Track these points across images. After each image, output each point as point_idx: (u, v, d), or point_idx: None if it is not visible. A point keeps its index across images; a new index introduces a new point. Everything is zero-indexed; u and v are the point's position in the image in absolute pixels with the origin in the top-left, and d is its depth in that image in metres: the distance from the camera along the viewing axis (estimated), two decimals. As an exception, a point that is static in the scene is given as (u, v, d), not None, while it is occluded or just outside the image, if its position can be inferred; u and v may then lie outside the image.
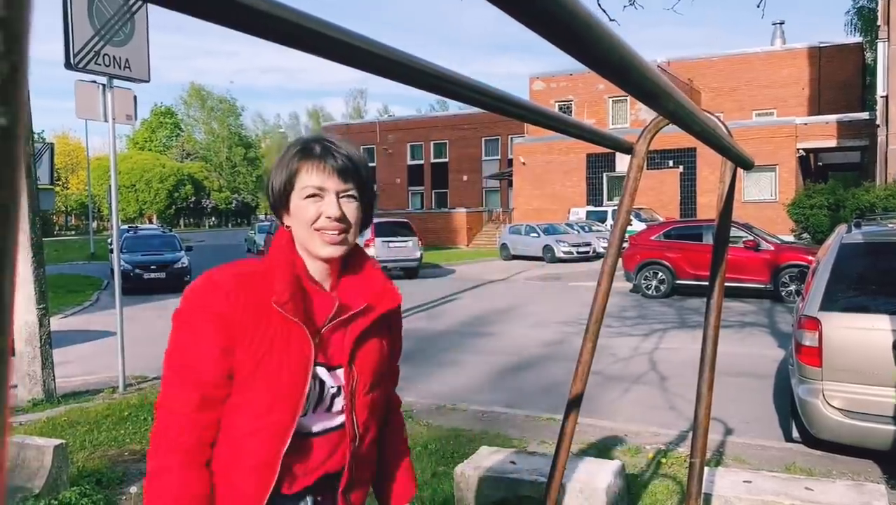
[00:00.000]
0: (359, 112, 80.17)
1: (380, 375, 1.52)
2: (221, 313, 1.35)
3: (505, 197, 41.79)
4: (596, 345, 2.18)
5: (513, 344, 9.94)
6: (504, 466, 3.77)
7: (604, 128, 32.26)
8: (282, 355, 1.36)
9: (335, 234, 1.38)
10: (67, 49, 6.69)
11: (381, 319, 1.50)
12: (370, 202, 1.48)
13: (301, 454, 1.42)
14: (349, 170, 1.40)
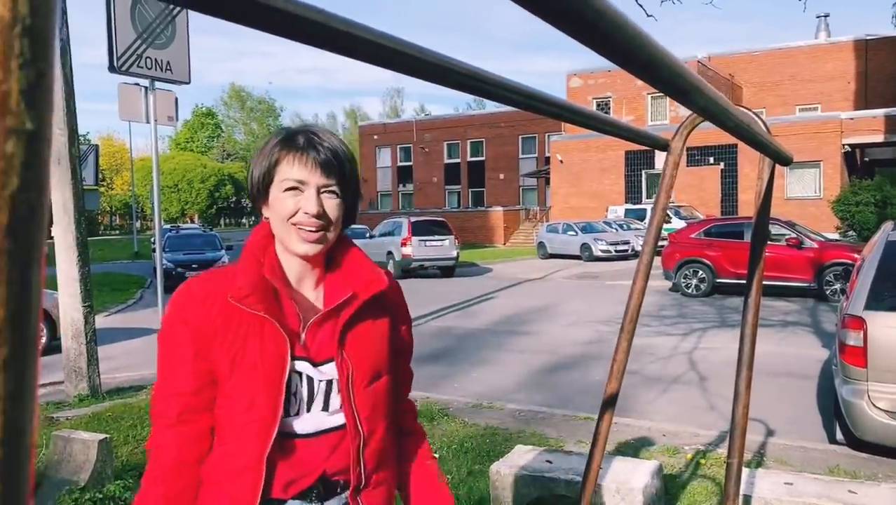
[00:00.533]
0: (396, 111, 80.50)
1: (379, 366, 1.43)
2: (193, 320, 1.33)
3: (542, 195, 41.59)
4: (631, 344, 2.17)
5: (550, 343, 9.90)
6: (540, 465, 3.76)
7: (642, 125, 31.91)
8: (256, 352, 1.31)
9: (312, 231, 1.31)
10: (111, 53, 6.85)
11: (370, 307, 1.41)
12: (354, 200, 1.40)
13: (293, 456, 1.35)
14: (332, 164, 1.32)
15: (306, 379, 1.36)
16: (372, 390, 1.41)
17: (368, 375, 1.40)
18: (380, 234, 22.03)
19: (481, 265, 24.56)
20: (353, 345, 1.39)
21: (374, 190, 48.78)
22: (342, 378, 1.37)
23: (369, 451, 1.40)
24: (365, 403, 1.39)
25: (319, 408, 1.38)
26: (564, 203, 33.72)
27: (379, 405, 1.43)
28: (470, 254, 28.15)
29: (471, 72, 0.78)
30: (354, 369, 1.37)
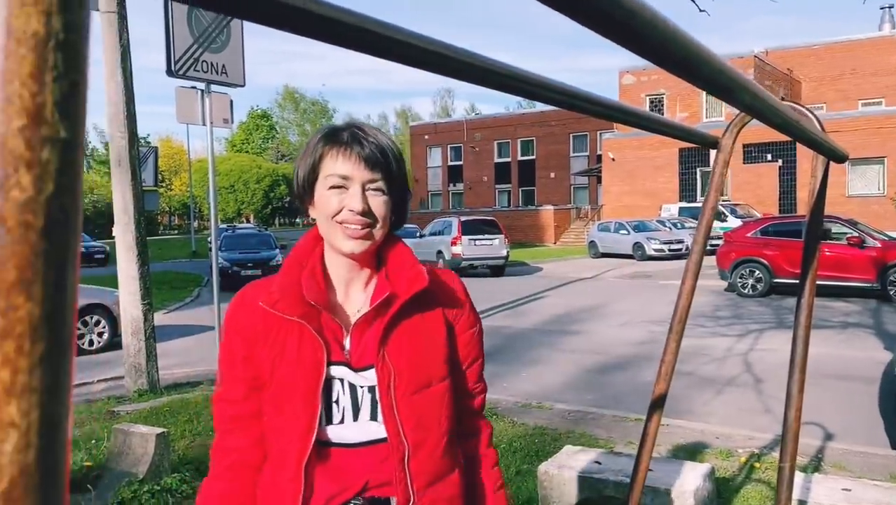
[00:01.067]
0: (446, 111, 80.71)
1: (429, 372, 1.33)
2: (242, 327, 1.33)
3: (594, 194, 41.20)
4: (680, 345, 2.13)
5: (600, 343, 9.79)
6: (589, 466, 3.73)
7: (697, 121, 31.32)
8: (293, 358, 1.29)
9: (357, 228, 1.27)
10: (168, 57, 7.03)
11: (417, 308, 1.34)
12: (402, 198, 1.35)
13: (334, 467, 1.30)
14: (377, 160, 1.28)
15: (348, 386, 1.31)
16: (419, 399, 1.31)
17: (414, 381, 1.31)
18: (430, 234, 22.12)
19: (531, 264, 24.44)
20: (396, 348, 1.31)
21: (424, 189, 49.00)
22: (382, 384, 1.30)
23: (417, 464, 1.31)
24: (410, 411, 1.30)
25: (367, 417, 1.31)
26: (617, 201, 33.33)
27: (429, 416, 1.32)
28: (520, 253, 28.03)
29: (511, 72, 0.78)
30: (396, 375, 1.30)
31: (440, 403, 1.35)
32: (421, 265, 1.38)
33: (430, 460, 1.33)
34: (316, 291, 1.29)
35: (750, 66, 32.04)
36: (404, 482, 1.30)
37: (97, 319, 10.35)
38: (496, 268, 20.73)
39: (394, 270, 1.35)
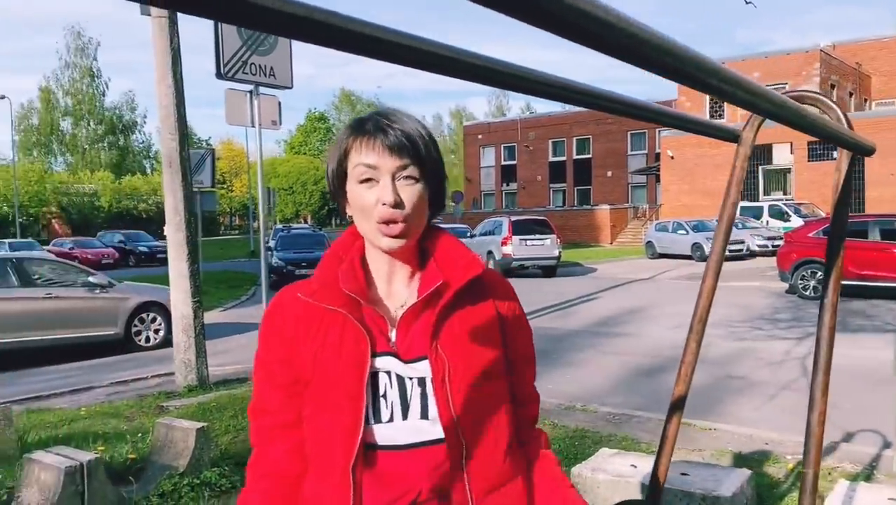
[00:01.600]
0: (501, 110, 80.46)
1: (486, 366, 1.25)
2: (281, 329, 1.28)
3: (652, 193, 40.49)
4: (700, 345, 2.07)
5: (651, 345, 9.60)
6: (624, 470, 3.65)
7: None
8: (335, 350, 1.22)
9: (393, 224, 1.20)
10: (218, 60, 7.19)
11: (470, 298, 1.27)
12: (438, 185, 1.26)
13: (385, 472, 1.21)
14: (404, 146, 1.20)
15: (396, 379, 1.22)
16: (476, 393, 1.22)
17: (470, 373, 1.23)
18: (480, 234, 22.07)
19: (585, 265, 24.15)
20: (450, 339, 1.23)
21: (477, 189, 48.96)
22: (436, 376, 1.21)
23: (476, 465, 1.21)
24: (466, 405, 1.21)
25: (417, 415, 1.21)
26: (676, 201, 32.69)
27: (487, 412, 1.24)
28: (574, 253, 27.74)
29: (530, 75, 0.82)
30: (451, 366, 1.21)
31: (498, 400, 1.28)
32: (474, 253, 1.33)
33: (491, 463, 1.24)
34: (354, 284, 1.24)
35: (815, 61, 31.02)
36: (462, 486, 1.21)
37: (153, 317, 10.66)
38: (548, 268, 20.54)
39: (444, 258, 1.29)
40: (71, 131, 58.63)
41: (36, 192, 44.59)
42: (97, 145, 59.10)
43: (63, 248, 30.59)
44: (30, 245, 28.94)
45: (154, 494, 3.97)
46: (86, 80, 57.49)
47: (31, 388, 7.91)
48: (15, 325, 9.35)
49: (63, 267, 10.95)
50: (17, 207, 40.96)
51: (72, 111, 57.91)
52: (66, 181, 49.52)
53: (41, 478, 3.73)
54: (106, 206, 48.32)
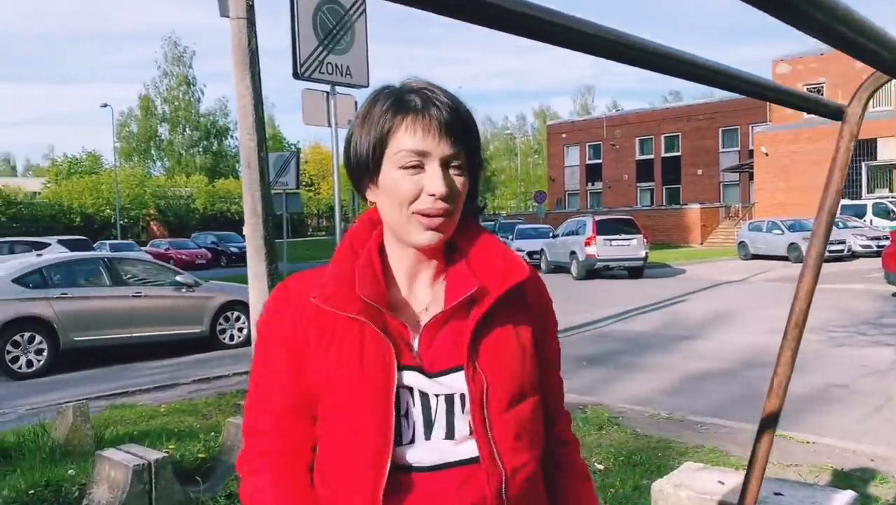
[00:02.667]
0: (586, 109, 79.20)
1: (524, 382, 1.12)
2: (286, 327, 1.13)
3: (745, 191, 38.94)
4: (796, 354, 1.80)
5: (744, 351, 9.08)
6: (709, 486, 3.35)
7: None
8: (355, 364, 1.07)
9: (436, 217, 1.05)
10: (295, 60, 7.21)
11: (509, 306, 1.12)
12: (478, 175, 1.13)
13: (414, 496, 1.07)
14: (458, 126, 1.05)
15: (419, 395, 1.08)
16: (515, 414, 1.10)
17: (509, 393, 1.09)
18: (563, 234, 21.63)
19: (674, 266, 23.37)
20: (490, 354, 1.09)
21: (561, 189, 48.29)
22: (475, 396, 1.07)
23: (515, 490, 1.10)
24: (506, 429, 1.09)
25: (442, 435, 1.09)
26: (770, 199, 31.29)
27: (524, 433, 1.12)
28: (662, 254, 26.91)
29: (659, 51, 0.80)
30: (490, 386, 1.07)
31: (535, 417, 1.15)
32: (515, 253, 1.17)
33: (529, 486, 1.13)
34: (374, 287, 1.08)
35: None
36: None
37: (237, 315, 10.88)
38: (634, 269, 19.94)
39: (479, 260, 1.13)
40: (168, 137, 61.29)
41: (136, 196, 46.79)
42: (192, 150, 61.57)
43: (160, 248, 31.97)
44: (129, 246, 30.36)
45: (221, 495, 3.94)
46: (182, 88, 59.97)
47: (118, 384, 8.15)
48: (106, 322, 9.70)
49: (152, 267, 11.32)
50: (118, 210, 43.10)
51: (169, 118, 60.53)
52: (163, 185, 51.75)
53: (111, 475, 3.75)
54: (201, 209, 50.25)
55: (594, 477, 4.37)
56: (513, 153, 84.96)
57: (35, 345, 9.14)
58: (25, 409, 6.74)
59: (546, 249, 22.56)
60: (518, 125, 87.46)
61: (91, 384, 8.30)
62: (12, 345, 8.98)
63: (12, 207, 40.27)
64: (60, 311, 9.35)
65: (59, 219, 42.08)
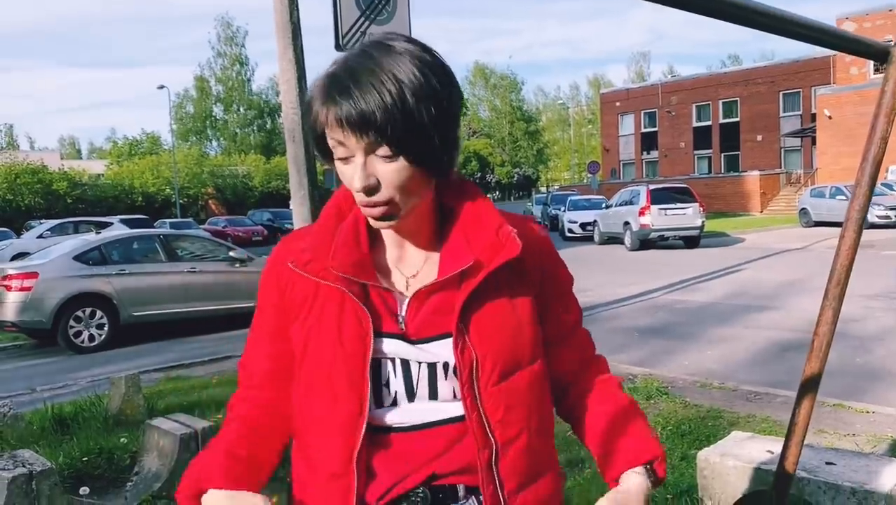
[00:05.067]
0: (641, 76, 77.37)
1: (519, 354, 1.09)
2: (276, 287, 1.14)
3: (807, 157, 37.63)
4: (838, 314, 1.71)
5: (801, 319, 8.78)
6: (758, 455, 3.25)
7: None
8: (333, 331, 1.06)
9: (374, 208, 1.01)
10: (337, 31, 7.18)
11: (502, 275, 1.08)
12: (427, 147, 0.99)
13: (391, 454, 1.07)
14: (367, 120, 0.94)
15: (400, 365, 1.07)
16: (508, 387, 1.08)
17: (500, 366, 1.07)
18: (617, 204, 21.26)
19: (732, 235, 22.79)
20: (480, 327, 1.06)
21: (615, 159, 47.44)
22: (464, 369, 1.05)
23: (507, 465, 1.08)
24: (497, 402, 1.07)
25: (426, 397, 1.08)
26: (834, 164, 30.13)
27: (518, 405, 1.09)
28: (720, 223, 26.28)
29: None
30: (480, 359, 1.06)
31: (532, 388, 1.11)
32: (508, 224, 1.10)
33: (523, 458, 1.10)
34: (354, 253, 1.06)
35: None
36: (493, 487, 1.08)
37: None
38: (690, 239, 19.49)
39: (473, 228, 1.08)
40: (223, 116, 62.34)
41: (194, 175, 47.79)
42: (247, 129, 62.53)
43: (217, 226, 32.69)
44: (188, 224, 31.11)
45: (267, 463, 4.01)
46: (235, 68, 60.78)
47: (174, 356, 8.38)
48: (162, 297, 9.96)
49: (206, 243, 11.55)
50: (177, 190, 44.16)
51: (223, 98, 61.50)
52: (220, 164, 52.75)
53: (160, 443, 3.84)
54: (258, 187, 51.10)
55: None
56: (566, 123, 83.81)
57: (96, 320, 9.46)
58: (87, 381, 6.98)
59: (599, 220, 22.22)
60: (571, 95, 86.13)
61: (148, 357, 8.55)
62: (75, 320, 9.31)
63: (77, 189, 41.57)
64: (119, 286, 9.64)
65: (122, 199, 43.31)
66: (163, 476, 3.73)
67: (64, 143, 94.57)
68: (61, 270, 9.45)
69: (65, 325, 9.24)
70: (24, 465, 3.15)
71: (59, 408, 5.08)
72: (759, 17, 1.28)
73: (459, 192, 1.12)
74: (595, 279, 13.07)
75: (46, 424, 4.75)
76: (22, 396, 6.53)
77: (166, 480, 3.70)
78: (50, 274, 9.35)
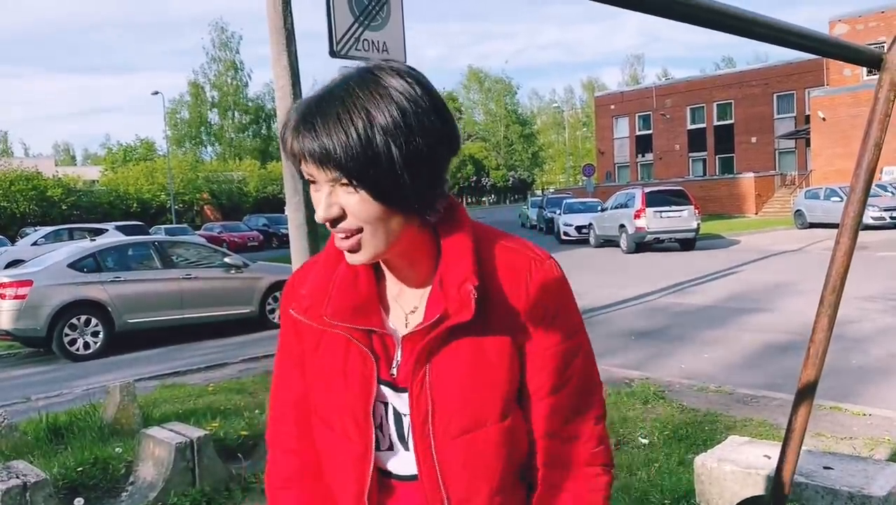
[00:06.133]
0: (635, 79, 77.50)
1: (479, 406, 1.03)
2: (292, 325, 1.14)
3: (802, 158, 37.72)
4: (834, 320, 1.70)
5: (796, 322, 8.79)
6: (754, 460, 3.25)
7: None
8: (339, 370, 1.08)
9: (344, 239, 0.98)
10: (331, 38, 7.17)
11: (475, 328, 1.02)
12: (391, 182, 0.94)
13: (391, 501, 1.10)
14: (326, 154, 0.92)
15: (392, 410, 1.08)
16: (468, 441, 1.03)
17: (460, 418, 1.03)
18: (612, 207, 21.26)
19: (727, 237, 22.83)
20: (442, 377, 1.03)
21: (610, 162, 47.51)
22: (416, 417, 1.04)
23: None
24: (454, 456, 1.03)
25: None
26: (828, 166, 30.22)
27: (481, 463, 1.04)
28: (715, 225, 26.32)
29: None
30: (436, 409, 1.03)
31: (499, 448, 1.05)
32: (474, 275, 1.01)
33: None
34: (353, 296, 1.05)
35: None
36: None
37: (285, 295, 11.02)
38: (685, 241, 19.51)
39: (448, 277, 1.03)
40: (218, 122, 62.27)
41: (189, 181, 47.69)
42: (242, 134, 62.46)
43: (213, 232, 32.64)
44: (183, 230, 31.03)
45: (264, 472, 3.99)
46: (230, 73, 60.71)
47: (170, 364, 8.34)
48: (158, 304, 9.93)
49: (202, 249, 11.52)
50: (172, 196, 44.08)
51: (218, 103, 61.44)
52: (216, 169, 52.67)
53: (155, 453, 3.82)
54: (253, 192, 51.01)
55: (638, 452, 4.30)
56: (561, 127, 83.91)
57: (91, 327, 9.43)
58: (82, 389, 6.95)
59: (595, 224, 22.23)
60: (566, 98, 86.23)
61: (144, 365, 8.52)
62: (69, 328, 9.27)
63: (72, 195, 41.45)
64: (114, 294, 9.61)
65: (117, 205, 43.20)
66: (158, 486, 3.71)
67: (59, 149, 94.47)
68: (56, 278, 9.42)
69: (59, 333, 9.20)
70: (19, 476, 3.13)
71: (54, 417, 5.05)
72: (753, 27, 1.28)
73: (449, 227, 1.06)
74: (591, 282, 13.07)
75: (41, 433, 4.73)
76: (16, 405, 6.49)
77: (161, 490, 3.68)
78: (44, 282, 9.31)
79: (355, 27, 7.37)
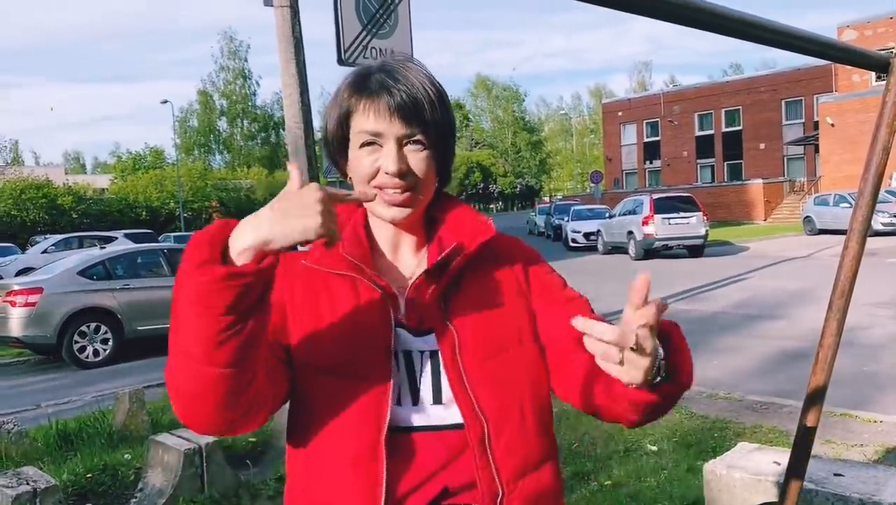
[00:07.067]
0: (643, 86, 77.45)
1: (503, 335, 1.12)
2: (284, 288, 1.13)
3: (810, 165, 37.60)
4: (843, 326, 1.70)
5: (806, 328, 8.75)
6: (765, 467, 3.23)
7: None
8: (349, 316, 1.09)
9: (397, 193, 1.09)
10: (339, 46, 7.21)
11: (483, 264, 1.15)
12: (446, 150, 1.14)
13: (410, 453, 1.07)
14: (411, 109, 1.07)
15: (402, 356, 1.09)
16: (494, 365, 1.10)
17: (484, 345, 1.10)
18: (620, 214, 21.22)
19: (736, 244, 22.74)
20: (460, 308, 1.11)
21: (618, 168, 47.46)
22: (446, 350, 1.08)
23: (503, 447, 1.07)
24: (484, 380, 1.08)
25: (430, 399, 1.08)
26: (837, 172, 30.10)
27: (508, 384, 1.10)
28: (724, 232, 26.23)
29: None
30: (461, 341, 1.09)
31: (522, 370, 1.12)
32: (484, 217, 1.20)
33: (520, 442, 1.09)
34: (358, 249, 1.13)
35: None
36: (489, 473, 1.05)
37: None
38: (694, 248, 19.45)
39: (455, 225, 1.18)
40: (227, 130, 62.52)
41: (198, 189, 47.87)
42: (251, 143, 62.69)
43: (221, 240, 32.71)
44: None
45: (272, 479, 3.99)
46: (238, 82, 60.99)
47: (179, 371, 8.35)
48: (167, 311, 9.82)
49: (211, 256, 11.55)
50: (181, 203, 44.26)
51: (227, 111, 61.70)
52: (224, 177, 52.87)
53: (164, 459, 3.83)
54: (261, 199, 51.10)
55: (647, 459, 4.28)
56: (568, 134, 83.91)
57: (100, 335, 9.47)
58: (91, 396, 6.98)
59: (603, 230, 22.19)
60: (573, 105, 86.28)
61: (154, 371, 8.53)
62: (79, 335, 9.32)
63: (82, 204, 41.66)
64: (123, 301, 9.65)
65: (127, 213, 43.39)
66: (167, 492, 3.72)
67: (69, 157, 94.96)
68: (66, 286, 9.47)
69: (69, 340, 9.25)
70: (28, 482, 3.15)
71: (64, 424, 5.08)
72: (759, 32, 1.29)
73: (446, 203, 1.21)
74: (599, 289, 13.01)
75: (51, 440, 4.75)
76: (27, 411, 6.53)
77: (170, 496, 3.69)
78: (54, 289, 9.36)
79: (363, 35, 7.41)
